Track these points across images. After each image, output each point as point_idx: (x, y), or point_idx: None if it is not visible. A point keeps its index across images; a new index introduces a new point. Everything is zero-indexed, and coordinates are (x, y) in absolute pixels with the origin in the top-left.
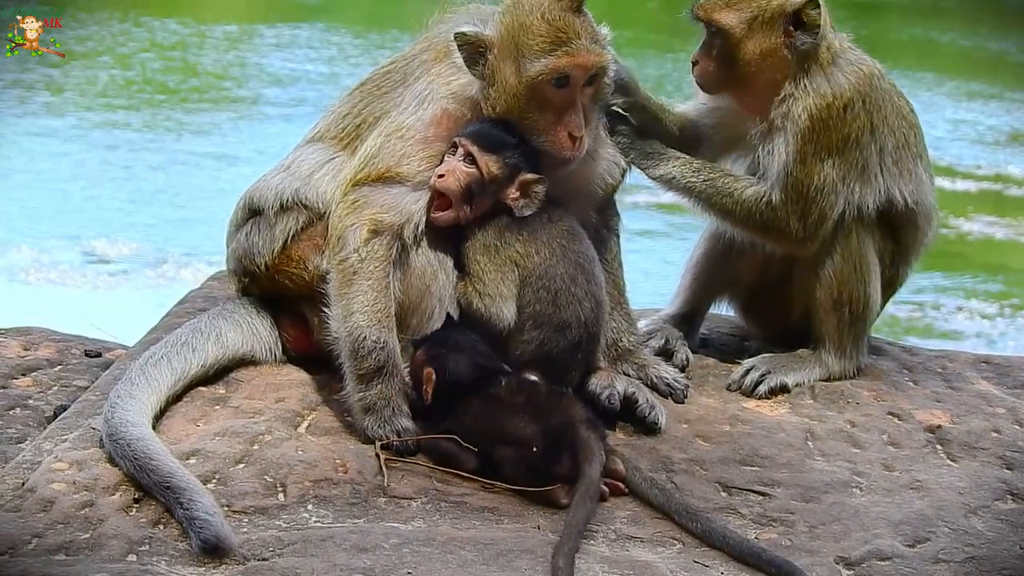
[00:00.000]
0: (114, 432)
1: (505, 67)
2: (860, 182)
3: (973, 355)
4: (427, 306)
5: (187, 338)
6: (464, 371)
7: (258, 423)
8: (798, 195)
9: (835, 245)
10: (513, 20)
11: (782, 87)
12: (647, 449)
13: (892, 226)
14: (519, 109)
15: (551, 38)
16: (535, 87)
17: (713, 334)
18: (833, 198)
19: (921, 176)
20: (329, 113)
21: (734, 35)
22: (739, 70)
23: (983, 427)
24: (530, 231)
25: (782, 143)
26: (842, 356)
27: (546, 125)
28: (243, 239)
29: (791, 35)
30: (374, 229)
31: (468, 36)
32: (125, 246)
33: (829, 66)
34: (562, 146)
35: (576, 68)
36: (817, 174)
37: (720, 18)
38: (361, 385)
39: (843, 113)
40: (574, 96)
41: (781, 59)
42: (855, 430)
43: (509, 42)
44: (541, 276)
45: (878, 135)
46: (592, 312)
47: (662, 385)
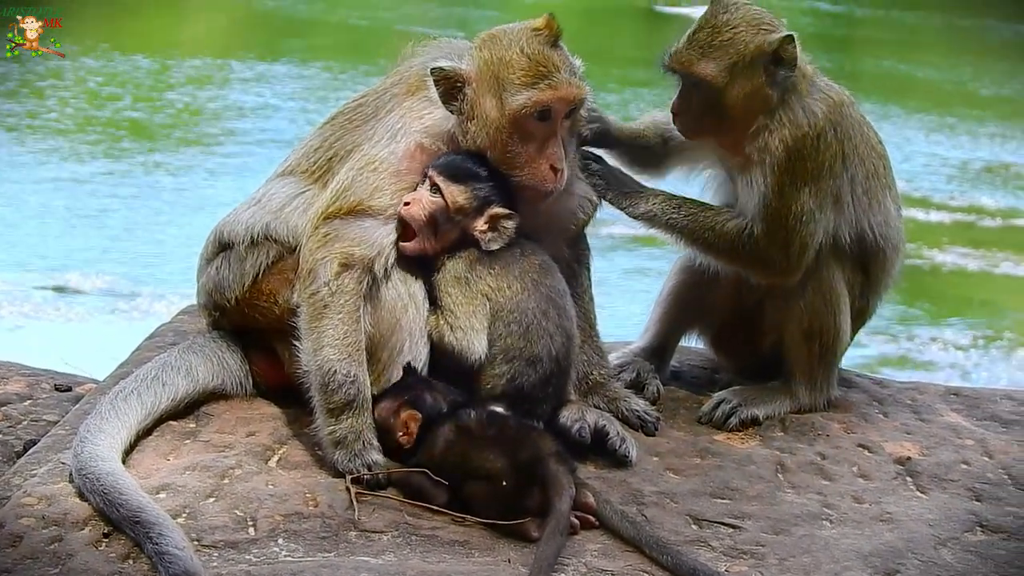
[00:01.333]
0: (84, 467)
1: (485, 101)
2: (835, 211)
3: (943, 387)
4: (397, 340)
5: (157, 372)
6: (444, 407)
7: (228, 457)
8: (778, 226)
9: (807, 278)
10: (491, 55)
11: (757, 120)
12: (618, 482)
13: (861, 257)
14: (500, 142)
15: (533, 72)
16: (517, 120)
17: (684, 367)
18: (812, 226)
19: (889, 208)
20: (300, 147)
21: (717, 85)
22: (724, 116)
23: (952, 459)
24: (502, 264)
25: (760, 176)
26: (812, 388)
27: (527, 158)
28: (213, 273)
29: (771, 73)
30: (345, 263)
31: (445, 71)
32: (98, 279)
33: (806, 95)
34: (544, 178)
35: (558, 101)
36: (795, 203)
37: (700, 70)
38: (331, 419)
39: (816, 142)
40: (555, 128)
41: (765, 97)
42: (825, 462)
43: (488, 76)
44: (512, 310)
45: (849, 164)
46: (563, 346)
47: (633, 418)
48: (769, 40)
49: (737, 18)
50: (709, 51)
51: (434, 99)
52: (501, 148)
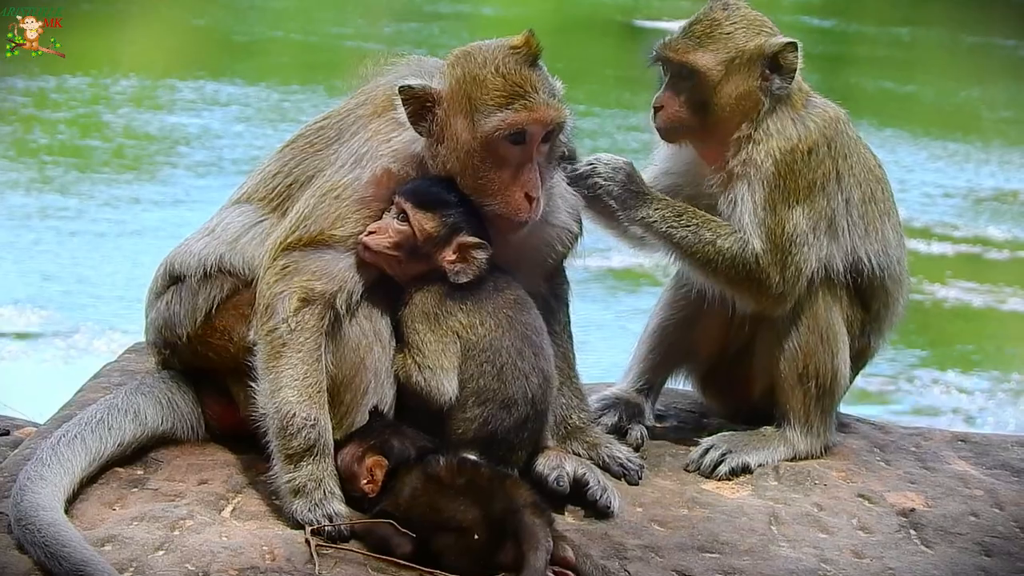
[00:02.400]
0: (23, 517)
1: (456, 122)
2: (829, 236)
3: (949, 433)
4: (361, 381)
5: (103, 415)
6: (412, 452)
7: (179, 507)
8: (774, 245)
9: (800, 313)
10: (464, 73)
11: (741, 127)
12: (599, 535)
13: (860, 291)
14: (472, 167)
15: (507, 91)
16: (489, 143)
17: (670, 410)
18: (806, 250)
19: (888, 236)
20: (257, 172)
21: (711, 78)
22: (712, 115)
23: (960, 510)
24: (474, 300)
25: (747, 190)
26: (808, 434)
27: (500, 185)
28: (163, 308)
29: (767, 78)
30: (304, 298)
31: (415, 90)
32: (33, 315)
33: (800, 108)
34: (518, 208)
35: (534, 123)
36: (788, 222)
37: (696, 60)
38: (290, 465)
39: (808, 157)
40: (530, 153)
41: (756, 102)
42: (822, 514)
43: (461, 96)
44: (485, 349)
45: (844, 185)
46: (540, 388)
47: (615, 465)
48: (771, 43)
49: (738, 16)
50: (707, 42)
51: (402, 120)
52: (472, 173)
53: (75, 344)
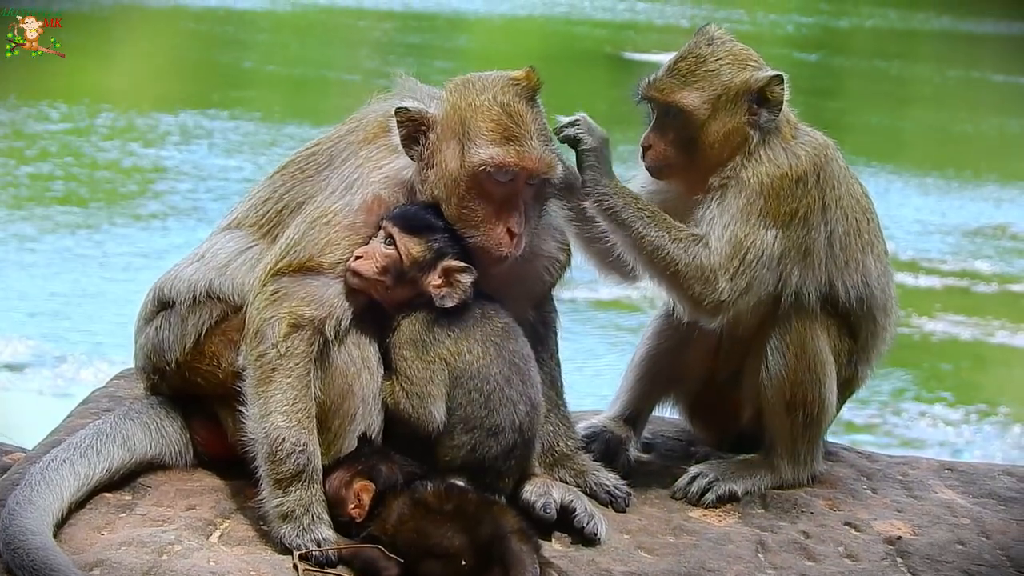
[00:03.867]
0: (12, 541)
1: (447, 149)
2: (801, 266)
3: (936, 461)
4: (349, 407)
5: (91, 440)
6: (400, 478)
7: (167, 532)
8: (735, 252)
9: (788, 342)
10: (461, 99)
11: (732, 162)
12: (585, 561)
13: (847, 321)
14: (457, 196)
15: (501, 128)
16: (476, 175)
17: (657, 438)
18: (766, 273)
19: (870, 267)
20: (247, 198)
21: (697, 116)
22: (700, 152)
23: (947, 539)
24: (462, 327)
25: (725, 198)
26: (795, 462)
27: (484, 217)
28: (152, 334)
29: (754, 112)
30: (294, 323)
31: (411, 112)
32: (20, 344)
33: (790, 140)
34: (499, 242)
35: (522, 169)
36: (757, 239)
37: (681, 99)
38: (278, 491)
39: (795, 186)
40: (517, 191)
41: (745, 137)
42: (809, 542)
43: (455, 121)
44: (473, 376)
45: (829, 216)
46: (527, 416)
47: (602, 493)
48: (756, 77)
49: (723, 51)
50: (692, 80)
51: (394, 147)
52: (457, 202)
53: (62, 373)
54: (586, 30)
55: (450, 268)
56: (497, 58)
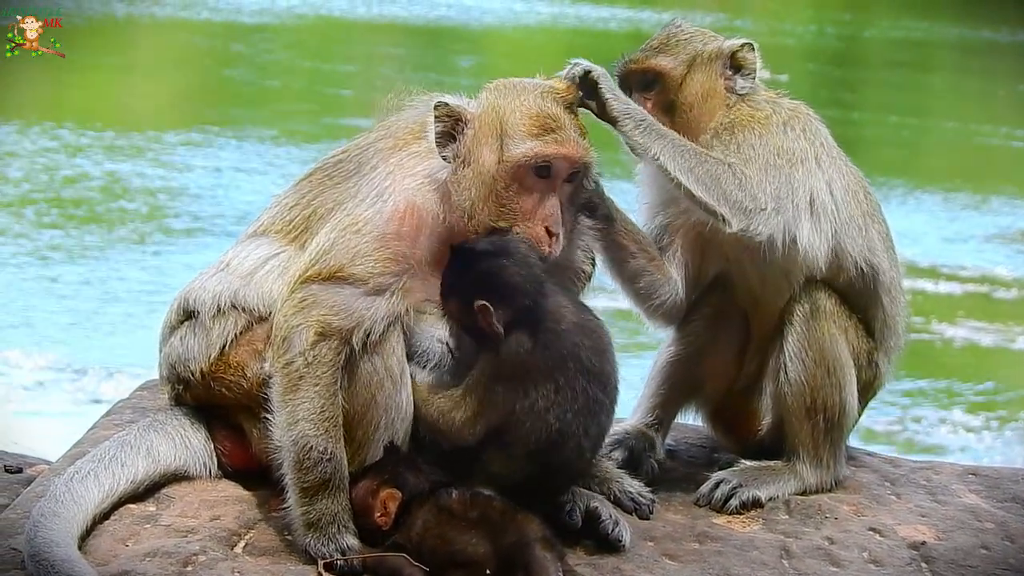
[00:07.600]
0: (37, 553)
1: (484, 146)
2: (809, 216)
3: (960, 466)
4: (373, 417)
5: (115, 452)
6: (426, 486)
7: (191, 543)
8: (762, 167)
9: (806, 346)
10: (500, 98)
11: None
12: (610, 569)
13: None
14: (495, 193)
15: (540, 122)
16: (515, 170)
17: (680, 445)
18: (787, 189)
19: (874, 238)
20: (273, 205)
21: (674, 78)
22: (680, 115)
23: (971, 544)
24: (554, 363)
25: (717, 145)
26: (818, 467)
27: (522, 215)
28: (177, 343)
29: (729, 78)
30: (321, 332)
31: (450, 107)
32: (41, 357)
33: (770, 103)
34: (539, 240)
35: (562, 159)
36: (772, 158)
37: (657, 63)
38: (305, 499)
39: (783, 129)
40: (554, 189)
41: (722, 100)
42: (833, 547)
43: (493, 119)
44: (551, 420)
45: (824, 168)
46: (586, 460)
47: (626, 500)
48: (728, 44)
49: (692, 29)
50: (665, 48)
51: (424, 153)
52: (495, 199)
53: (83, 387)
54: (598, 41)
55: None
56: (514, 72)
